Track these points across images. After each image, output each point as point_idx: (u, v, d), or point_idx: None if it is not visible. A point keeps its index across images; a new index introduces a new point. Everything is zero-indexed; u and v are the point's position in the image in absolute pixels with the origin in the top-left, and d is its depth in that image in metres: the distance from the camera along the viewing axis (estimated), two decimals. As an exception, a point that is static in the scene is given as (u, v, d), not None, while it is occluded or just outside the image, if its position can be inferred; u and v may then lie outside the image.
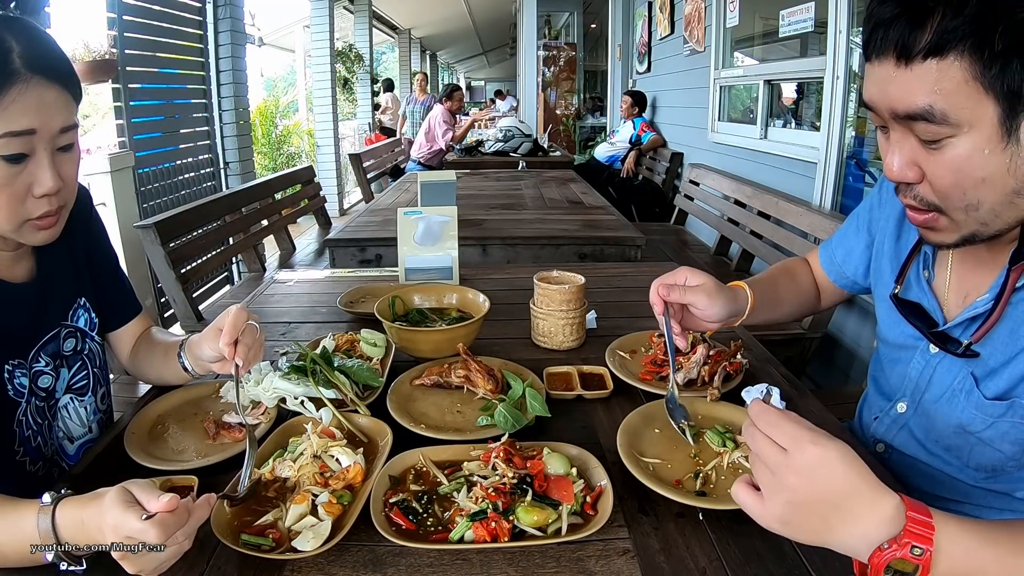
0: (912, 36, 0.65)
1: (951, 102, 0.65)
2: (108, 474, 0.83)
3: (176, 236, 2.53)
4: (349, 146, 8.67)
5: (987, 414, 0.79)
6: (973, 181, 0.68)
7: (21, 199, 0.77)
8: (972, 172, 0.68)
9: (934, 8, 0.64)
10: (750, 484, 0.59)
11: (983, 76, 0.63)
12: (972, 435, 0.82)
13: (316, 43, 7.24)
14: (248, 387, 0.97)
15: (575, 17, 11.08)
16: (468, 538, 0.69)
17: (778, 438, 0.57)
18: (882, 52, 0.68)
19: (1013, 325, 0.76)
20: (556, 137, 8.86)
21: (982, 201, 0.70)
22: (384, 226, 2.64)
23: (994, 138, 0.65)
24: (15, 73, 0.71)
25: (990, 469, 0.82)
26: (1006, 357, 0.77)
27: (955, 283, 0.87)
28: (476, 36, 16.66)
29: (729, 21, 4.04)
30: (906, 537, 0.52)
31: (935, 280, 0.89)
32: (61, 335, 0.92)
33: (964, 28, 0.62)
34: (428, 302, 1.30)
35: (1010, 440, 0.78)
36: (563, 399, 1.02)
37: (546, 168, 4.86)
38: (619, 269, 1.88)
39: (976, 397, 0.80)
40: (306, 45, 9.50)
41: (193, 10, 3.99)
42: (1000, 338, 0.78)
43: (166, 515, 0.60)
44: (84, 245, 0.99)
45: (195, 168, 4.06)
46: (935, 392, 0.87)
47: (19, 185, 0.76)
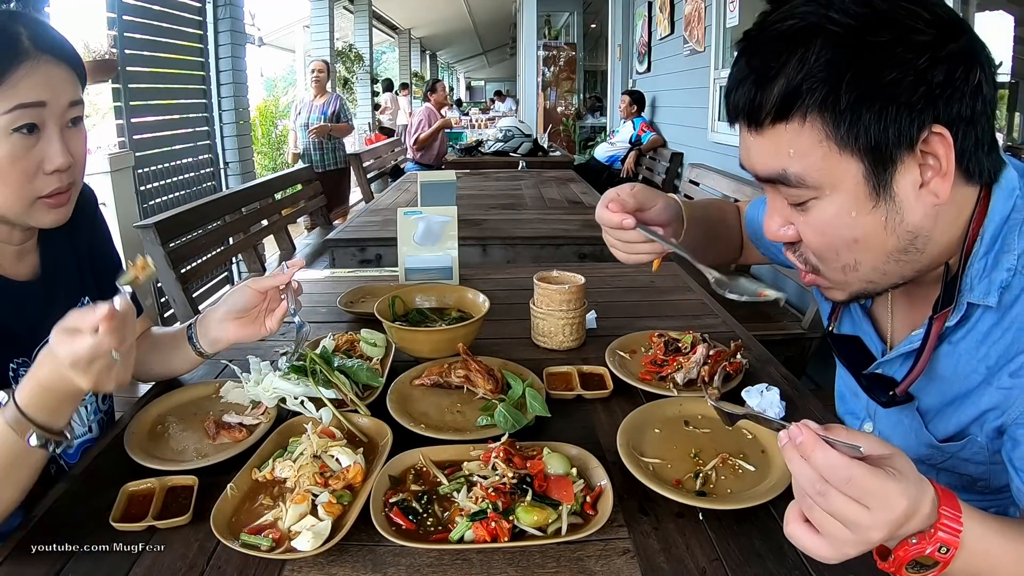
0: (758, 100, 0.63)
1: (805, 164, 0.62)
2: (108, 474, 0.83)
3: (176, 236, 2.53)
4: (349, 146, 8.66)
5: (942, 451, 0.74)
6: (845, 242, 0.65)
7: (32, 176, 0.79)
8: (841, 233, 0.65)
9: (777, 71, 0.61)
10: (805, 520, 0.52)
11: (835, 135, 0.60)
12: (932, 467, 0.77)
13: (316, 43, 7.25)
14: (248, 387, 0.98)
15: (575, 17, 11.09)
16: (468, 538, 0.69)
17: (860, 496, 0.49)
18: (735, 118, 0.67)
19: (955, 365, 0.70)
20: (556, 137, 8.86)
21: (860, 262, 0.67)
22: (384, 226, 2.65)
23: (861, 197, 0.62)
24: (25, 52, 0.75)
25: (962, 488, 0.78)
26: (949, 397, 0.72)
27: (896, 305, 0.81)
28: (476, 36, 16.66)
29: (729, 21, 4.04)
30: (938, 533, 0.51)
31: (872, 305, 0.83)
32: None
33: (806, 87, 0.60)
34: (428, 302, 1.30)
35: (974, 463, 0.74)
36: (563, 399, 1.02)
37: (546, 168, 4.86)
38: (619, 269, 1.88)
39: (926, 437, 0.75)
40: (306, 45, 9.50)
41: (193, 10, 3.99)
42: (942, 378, 0.72)
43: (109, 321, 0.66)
44: (88, 244, 1.00)
45: (195, 168, 4.06)
46: (886, 425, 0.82)
47: (31, 161, 0.78)
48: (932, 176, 0.62)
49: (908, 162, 0.61)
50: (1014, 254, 0.65)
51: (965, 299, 0.67)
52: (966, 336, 0.69)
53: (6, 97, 0.74)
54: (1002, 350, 0.66)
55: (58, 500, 0.78)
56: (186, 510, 0.73)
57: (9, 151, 0.76)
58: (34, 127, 0.77)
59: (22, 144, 0.77)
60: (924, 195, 0.62)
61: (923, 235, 0.65)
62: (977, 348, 0.68)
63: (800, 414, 0.98)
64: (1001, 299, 0.66)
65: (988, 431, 0.69)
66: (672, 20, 5.24)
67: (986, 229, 0.66)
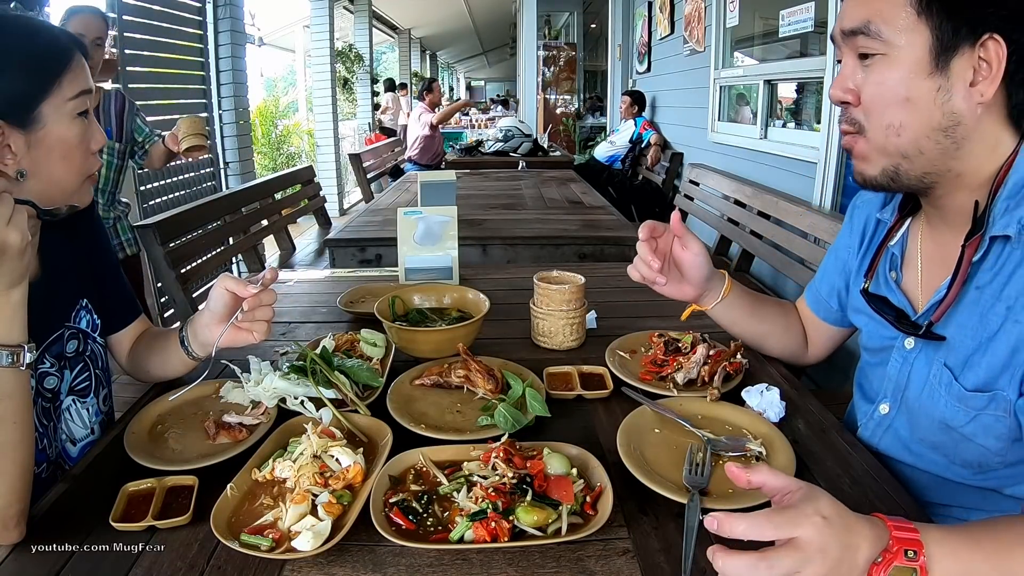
0: None
1: (888, 19, 0.74)
2: (108, 474, 0.83)
3: (176, 236, 2.53)
4: (349, 146, 8.67)
5: (968, 406, 0.79)
6: (897, 99, 0.75)
7: (86, 156, 0.87)
8: (896, 89, 0.75)
9: None
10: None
11: (919, 5, 0.72)
12: (955, 431, 0.81)
13: (316, 43, 7.24)
14: (248, 387, 0.98)
15: (575, 17, 11.09)
16: (468, 538, 0.69)
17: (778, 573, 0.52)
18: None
19: (981, 311, 0.76)
20: (556, 137, 8.86)
21: (904, 125, 0.75)
22: (384, 226, 2.64)
23: (923, 63, 0.73)
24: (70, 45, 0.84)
25: (976, 465, 0.82)
26: (976, 343, 0.77)
27: (925, 281, 0.88)
28: (476, 36, 16.66)
29: (729, 21, 4.04)
30: (895, 545, 0.55)
31: (904, 281, 0.91)
32: (64, 336, 0.93)
33: None
34: (428, 302, 1.30)
35: (994, 435, 0.78)
36: (563, 399, 1.02)
37: (546, 168, 4.86)
38: (619, 269, 1.87)
39: (956, 389, 0.80)
40: (306, 45, 9.51)
41: (193, 10, 3.99)
42: (968, 324, 0.78)
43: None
44: (87, 245, 1.00)
45: (195, 168, 4.06)
46: (915, 388, 0.87)
47: (86, 143, 0.86)
48: (982, 79, 0.72)
49: (967, 54, 0.72)
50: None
51: (989, 234, 0.75)
52: (992, 280, 0.76)
53: (73, 84, 0.82)
54: (1020, 288, 0.73)
55: (58, 500, 0.78)
56: (186, 510, 0.74)
57: (77, 132, 0.84)
58: (86, 112, 0.86)
59: (83, 126, 0.85)
60: (972, 92, 0.73)
61: (964, 125, 0.74)
62: (1001, 291, 0.75)
63: (800, 414, 0.99)
64: (1020, 237, 0.73)
65: (1016, 381, 0.74)
66: (672, 20, 5.24)
67: (1011, 176, 0.75)
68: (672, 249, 1.00)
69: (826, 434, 0.93)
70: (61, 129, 0.82)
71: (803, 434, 0.94)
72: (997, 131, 0.76)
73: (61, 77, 0.81)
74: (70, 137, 0.83)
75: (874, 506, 0.77)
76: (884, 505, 0.78)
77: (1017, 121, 0.76)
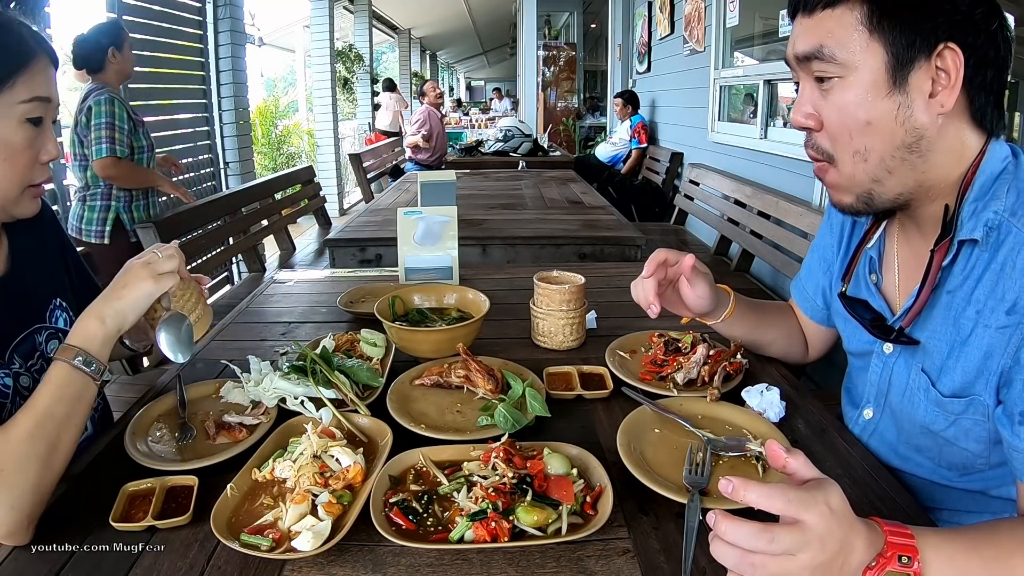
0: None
1: (839, 42, 0.73)
2: (108, 474, 0.83)
3: (176, 236, 2.53)
4: (349, 146, 8.66)
5: (947, 411, 0.79)
6: (858, 124, 0.74)
7: (31, 164, 0.84)
8: (857, 114, 0.73)
9: None
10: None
11: (868, 24, 0.71)
12: (937, 435, 0.81)
13: (316, 43, 7.24)
14: (248, 387, 0.98)
15: (575, 17, 11.09)
16: (468, 538, 0.69)
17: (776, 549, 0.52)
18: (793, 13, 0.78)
19: (954, 315, 0.76)
20: (556, 137, 8.87)
21: (869, 149, 0.74)
22: (384, 226, 2.64)
23: (880, 83, 0.72)
24: (35, 48, 0.81)
25: (961, 467, 0.82)
26: (950, 347, 0.77)
27: (902, 285, 0.88)
28: (476, 36, 16.66)
29: (729, 21, 4.04)
30: (890, 550, 0.55)
31: (883, 284, 0.90)
32: (42, 336, 0.92)
33: None
34: (428, 302, 1.30)
35: (975, 438, 0.78)
36: (563, 399, 1.02)
37: (546, 168, 4.86)
38: (619, 269, 1.88)
39: (934, 395, 0.80)
40: (306, 45, 9.50)
41: (193, 10, 3.99)
42: (942, 329, 0.78)
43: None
44: (57, 246, 1.02)
45: (195, 168, 4.06)
46: (896, 393, 0.87)
47: (33, 151, 0.84)
48: (941, 89, 0.71)
49: (923, 67, 0.71)
50: (1001, 202, 0.73)
51: (958, 238, 0.75)
52: (962, 284, 0.76)
53: (27, 87, 0.79)
54: (988, 291, 0.73)
55: (58, 500, 0.78)
56: (186, 510, 0.73)
57: (23, 138, 0.81)
58: (40, 120, 0.83)
59: (31, 134, 0.82)
60: (932, 104, 0.72)
61: (928, 138, 0.73)
62: (971, 295, 0.75)
63: (800, 414, 0.99)
64: (987, 240, 0.73)
65: (992, 387, 0.74)
66: (672, 20, 5.23)
67: (977, 178, 0.75)
68: (679, 282, 0.99)
69: (826, 434, 0.94)
70: (4, 130, 0.79)
71: (803, 434, 0.94)
72: (962, 135, 0.75)
73: (15, 77, 0.78)
74: (14, 142, 0.80)
75: (874, 506, 0.78)
76: (884, 505, 0.78)
77: (981, 122, 0.75)
